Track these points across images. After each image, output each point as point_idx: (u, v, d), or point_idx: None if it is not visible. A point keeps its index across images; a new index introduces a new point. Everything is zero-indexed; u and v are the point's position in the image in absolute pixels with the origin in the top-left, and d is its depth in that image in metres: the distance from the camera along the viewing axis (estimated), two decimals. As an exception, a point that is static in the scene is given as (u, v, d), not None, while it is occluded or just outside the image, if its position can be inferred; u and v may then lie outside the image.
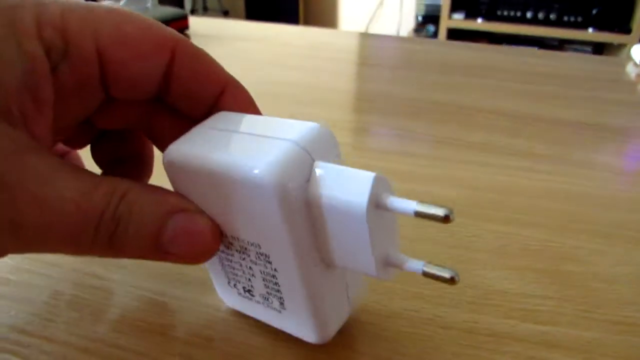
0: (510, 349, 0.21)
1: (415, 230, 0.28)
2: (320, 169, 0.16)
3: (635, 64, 0.63)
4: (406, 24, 2.31)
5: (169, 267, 0.24)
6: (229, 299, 0.21)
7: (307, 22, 2.56)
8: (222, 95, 0.19)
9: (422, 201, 0.16)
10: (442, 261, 0.25)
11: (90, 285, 0.23)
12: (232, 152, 0.17)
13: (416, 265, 0.17)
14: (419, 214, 0.16)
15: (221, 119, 0.19)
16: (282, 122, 0.18)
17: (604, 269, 0.26)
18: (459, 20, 2.11)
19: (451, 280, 0.17)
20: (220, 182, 0.16)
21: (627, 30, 2.01)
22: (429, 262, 0.17)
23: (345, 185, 0.16)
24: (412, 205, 0.16)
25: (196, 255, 0.17)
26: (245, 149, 0.17)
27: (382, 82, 0.53)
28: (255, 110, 0.20)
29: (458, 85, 0.53)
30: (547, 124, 0.44)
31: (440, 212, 0.15)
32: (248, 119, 0.19)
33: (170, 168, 0.18)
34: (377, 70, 0.57)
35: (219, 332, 0.21)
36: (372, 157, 0.37)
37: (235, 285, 0.20)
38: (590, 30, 2.04)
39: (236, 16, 2.59)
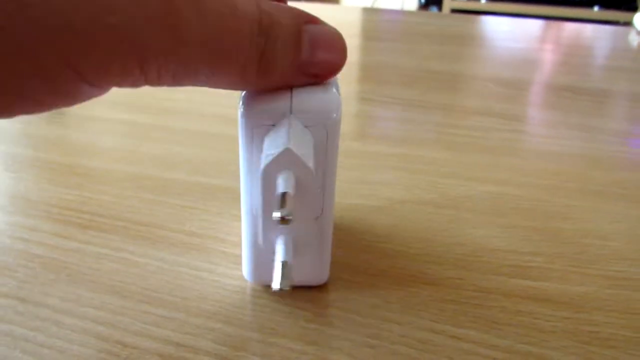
0: (497, 304, 0.20)
1: (403, 192, 0.27)
2: (283, 122, 0.16)
3: (637, 32, 0.61)
4: (409, 6, 2.28)
5: (152, 231, 0.23)
6: None
7: (309, 7, 2.52)
8: None
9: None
10: (429, 221, 0.24)
11: (68, 248, 0.22)
12: None
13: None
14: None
15: None
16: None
17: (596, 226, 0.25)
18: (462, 1, 2.08)
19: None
20: None
21: (633, 7, 1.97)
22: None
23: (273, 143, 0.16)
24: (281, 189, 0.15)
25: (337, 61, 0.16)
26: None
27: (381, 54, 0.53)
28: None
29: (454, 55, 0.52)
30: (544, 90, 0.43)
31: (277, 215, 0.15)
32: None
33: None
34: (377, 42, 0.56)
35: (193, 292, 0.20)
36: (368, 124, 0.37)
37: None
38: (595, 8, 2.01)
39: None
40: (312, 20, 0.15)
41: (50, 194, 0.26)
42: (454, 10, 2.10)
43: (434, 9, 2.22)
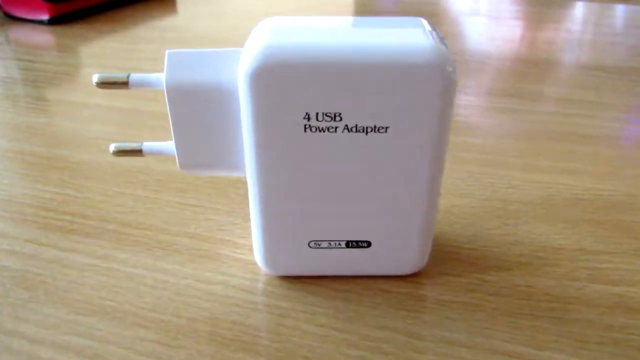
0: (581, 317, 0.16)
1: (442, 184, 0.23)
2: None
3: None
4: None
5: (149, 235, 0.19)
6: None
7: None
8: None
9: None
10: (475, 216, 0.21)
11: (46, 258, 0.18)
12: None
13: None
14: None
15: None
16: None
17: (673, 218, 0.21)
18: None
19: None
20: None
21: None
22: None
23: None
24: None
25: None
26: None
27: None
28: None
29: (473, 35, 0.48)
30: (576, 70, 0.40)
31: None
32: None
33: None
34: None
35: (203, 312, 0.16)
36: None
37: None
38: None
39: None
40: None
41: (24, 191, 0.22)
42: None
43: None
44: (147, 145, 0.16)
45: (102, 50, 0.41)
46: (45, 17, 0.47)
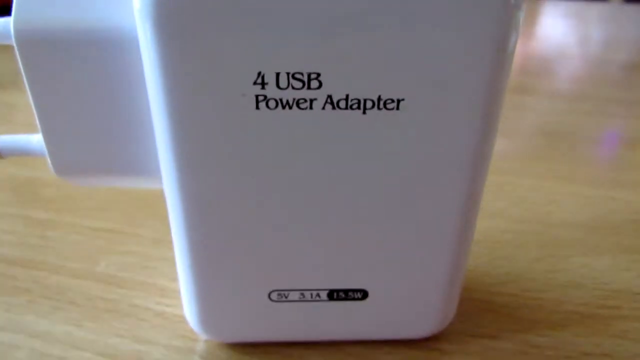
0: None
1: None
2: None
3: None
4: None
5: (37, 277, 0.13)
6: None
7: None
8: None
9: None
10: (511, 245, 0.15)
11: None
12: None
13: None
14: None
15: None
16: None
17: None
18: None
19: None
20: None
21: None
22: None
23: None
24: None
25: None
26: None
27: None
28: None
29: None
30: (603, 65, 0.34)
31: None
32: None
33: None
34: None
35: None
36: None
37: None
38: None
39: None
40: None
41: None
42: None
43: None
44: (4, 140, 0.10)
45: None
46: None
